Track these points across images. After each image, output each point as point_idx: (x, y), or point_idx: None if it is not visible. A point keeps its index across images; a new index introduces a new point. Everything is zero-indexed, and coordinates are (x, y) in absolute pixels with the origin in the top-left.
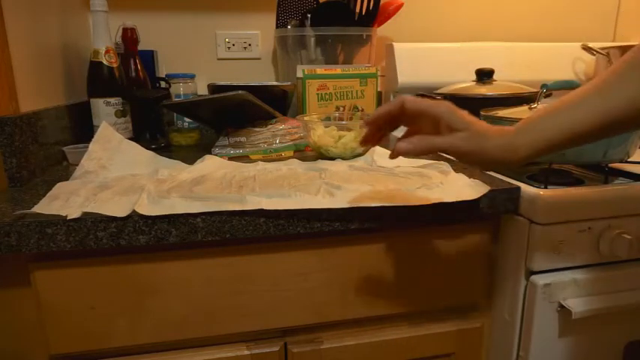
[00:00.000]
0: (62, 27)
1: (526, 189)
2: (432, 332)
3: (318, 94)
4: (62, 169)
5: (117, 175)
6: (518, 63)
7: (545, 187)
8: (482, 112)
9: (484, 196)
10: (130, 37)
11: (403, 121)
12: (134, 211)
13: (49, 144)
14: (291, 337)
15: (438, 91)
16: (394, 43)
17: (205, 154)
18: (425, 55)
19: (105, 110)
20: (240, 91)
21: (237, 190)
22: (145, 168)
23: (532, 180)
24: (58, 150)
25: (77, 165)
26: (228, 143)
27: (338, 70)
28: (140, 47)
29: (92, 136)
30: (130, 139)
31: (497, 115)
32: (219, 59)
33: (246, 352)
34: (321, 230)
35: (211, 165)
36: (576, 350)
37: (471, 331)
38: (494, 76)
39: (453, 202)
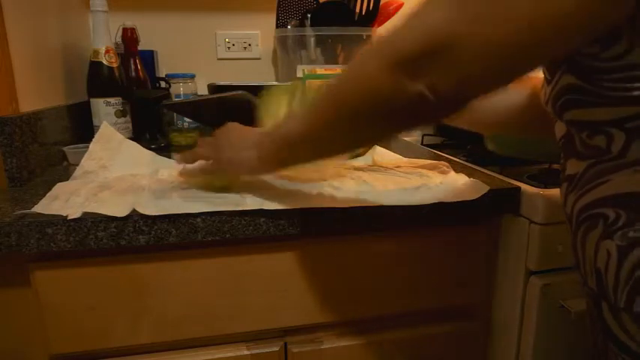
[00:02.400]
0: (62, 27)
1: (526, 189)
2: (432, 332)
3: None
4: (62, 169)
5: (117, 175)
6: None
7: (545, 187)
8: None
9: (484, 196)
10: (130, 37)
11: None
12: (134, 211)
13: (49, 144)
14: (291, 337)
15: None
16: None
17: None
18: None
19: (105, 110)
20: (240, 91)
21: (238, 191)
22: (146, 168)
23: (532, 180)
24: (58, 150)
25: (77, 165)
26: None
27: (338, 70)
28: (140, 47)
29: (92, 136)
30: (130, 139)
31: None
32: (219, 59)
33: (246, 352)
34: (321, 230)
35: None
36: (576, 350)
37: (471, 331)
38: None
39: (452, 202)
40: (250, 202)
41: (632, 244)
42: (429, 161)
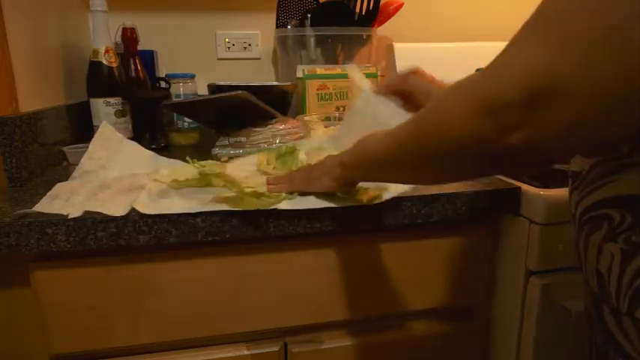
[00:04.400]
0: (62, 27)
1: (526, 189)
2: (432, 332)
3: (318, 94)
4: (62, 169)
5: (117, 175)
6: None
7: (546, 187)
8: None
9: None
10: (130, 37)
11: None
12: (134, 210)
13: (49, 144)
14: (291, 337)
15: None
16: (394, 43)
17: (205, 154)
18: (425, 55)
19: (105, 110)
20: (240, 91)
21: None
22: (145, 168)
23: (532, 180)
24: (58, 150)
25: (77, 165)
26: (228, 143)
27: (338, 70)
28: (140, 47)
29: (92, 136)
30: (130, 139)
31: None
32: (219, 59)
33: (246, 352)
34: (321, 230)
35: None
36: (576, 350)
37: (471, 331)
38: None
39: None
40: (250, 202)
41: (637, 249)
42: None
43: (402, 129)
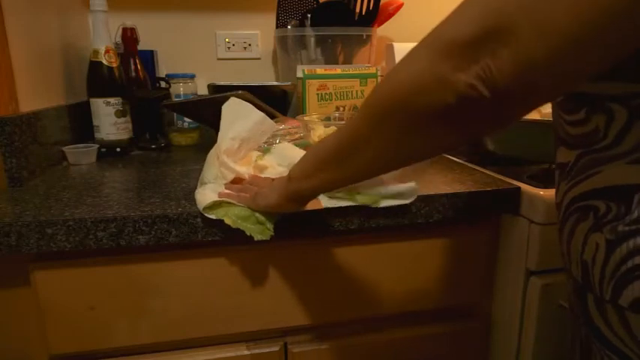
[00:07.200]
0: (62, 27)
1: (526, 189)
2: (432, 332)
3: (318, 94)
4: (62, 169)
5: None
6: None
7: (545, 187)
8: None
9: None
10: (129, 37)
11: None
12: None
13: (49, 144)
14: (291, 337)
15: None
16: (394, 43)
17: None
18: None
19: (105, 110)
20: (240, 91)
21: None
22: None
23: (532, 180)
24: (58, 150)
25: (77, 165)
26: None
27: (338, 70)
28: (140, 47)
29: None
30: (130, 139)
31: None
32: (219, 59)
33: (246, 352)
34: (322, 230)
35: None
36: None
37: (471, 331)
38: None
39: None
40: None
41: (621, 238)
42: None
43: (354, 115)
